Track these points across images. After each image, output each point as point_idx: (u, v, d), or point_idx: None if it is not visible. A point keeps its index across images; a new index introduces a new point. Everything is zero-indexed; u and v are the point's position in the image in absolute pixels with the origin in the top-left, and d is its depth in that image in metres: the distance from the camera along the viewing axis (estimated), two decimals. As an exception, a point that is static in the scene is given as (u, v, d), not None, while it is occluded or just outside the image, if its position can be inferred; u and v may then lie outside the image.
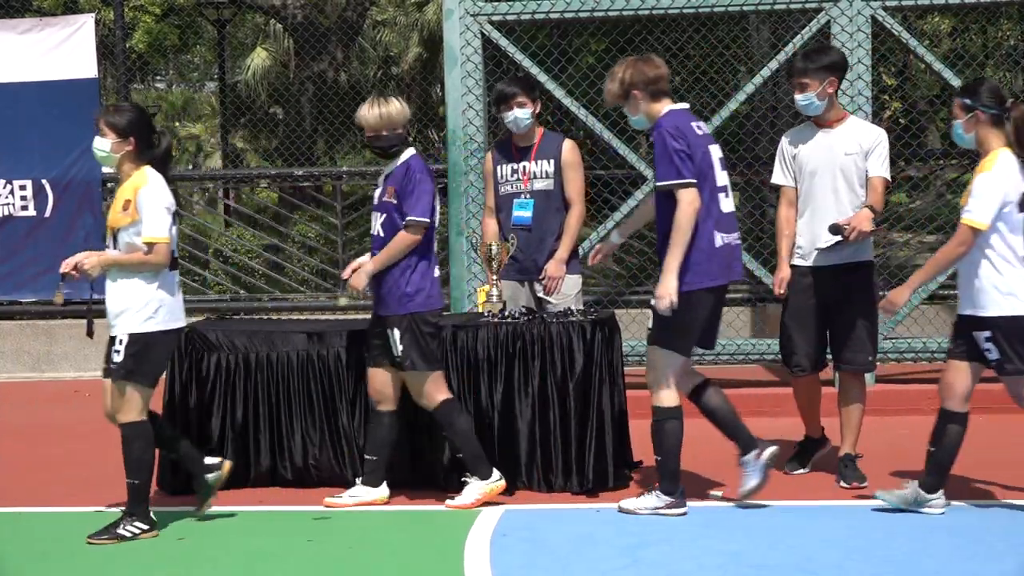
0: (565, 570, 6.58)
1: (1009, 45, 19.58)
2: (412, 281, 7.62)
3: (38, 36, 12.70)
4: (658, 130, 7.25)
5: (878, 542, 6.91)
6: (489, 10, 10.63)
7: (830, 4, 10.31)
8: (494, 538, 7.12)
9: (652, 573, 6.50)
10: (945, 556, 6.65)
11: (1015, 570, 6.37)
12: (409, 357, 7.54)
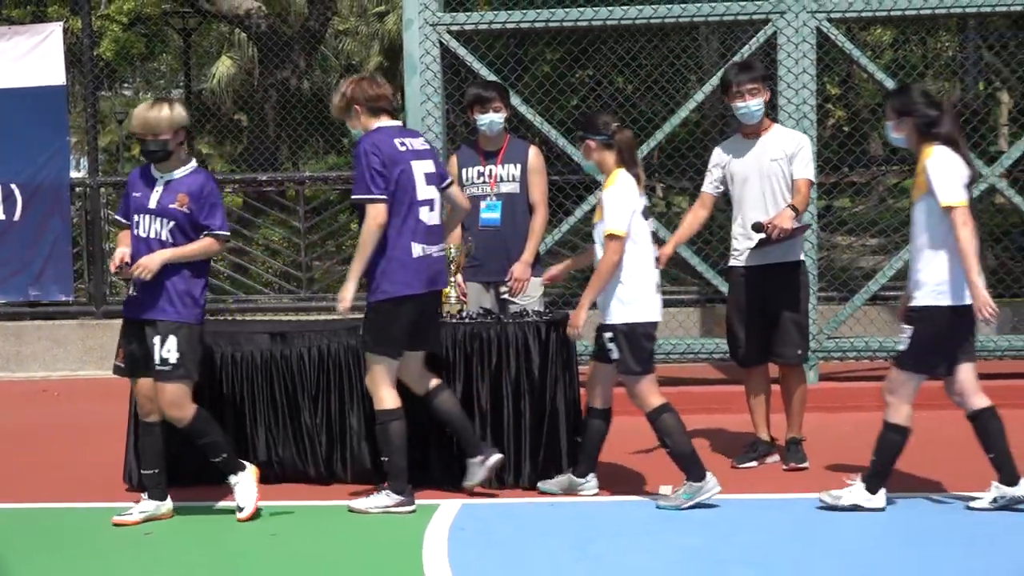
0: (520, 563, 6.58)
1: (947, 56, 19.73)
2: (198, 289, 7.39)
3: (6, 44, 12.61)
4: (359, 146, 7.43)
5: (827, 535, 6.95)
6: (447, 20, 10.63)
7: (777, 16, 10.36)
8: (451, 532, 7.11)
9: (605, 567, 6.50)
10: (890, 548, 6.70)
11: (954, 559, 6.43)
12: (183, 366, 7.25)
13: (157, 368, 7.18)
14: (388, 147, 7.38)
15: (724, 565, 6.45)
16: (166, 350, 7.14)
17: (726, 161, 8.40)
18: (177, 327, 7.19)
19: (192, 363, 7.26)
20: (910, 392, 7.21)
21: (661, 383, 10.66)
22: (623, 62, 15.49)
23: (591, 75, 16.94)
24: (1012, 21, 15.43)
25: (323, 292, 13.75)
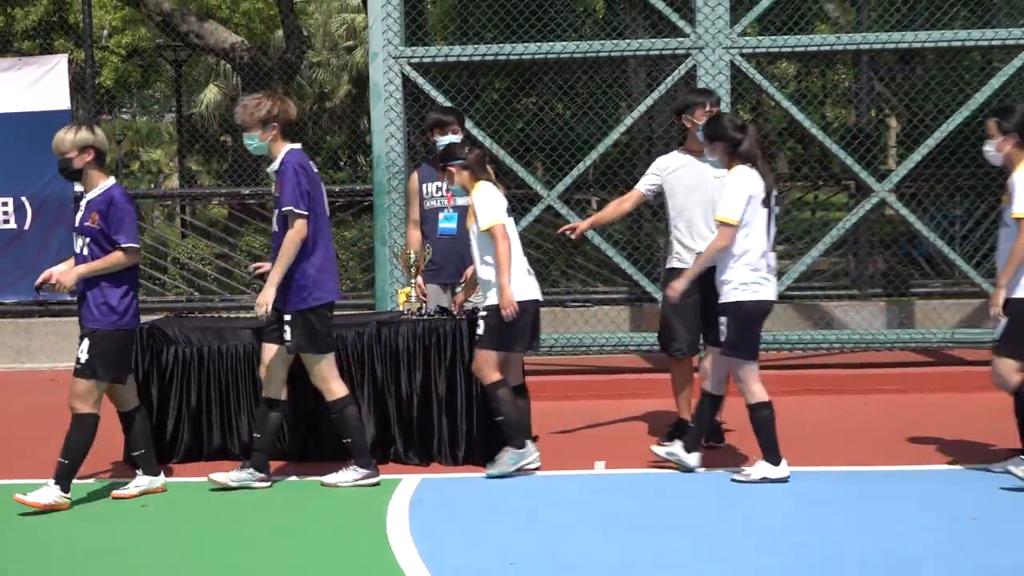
0: (474, 529, 6.59)
1: (844, 86, 19.87)
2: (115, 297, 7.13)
3: (18, 73, 12.59)
4: (288, 164, 7.24)
5: (739, 503, 6.98)
6: (408, 54, 10.61)
7: (696, 51, 10.39)
8: (412, 503, 7.10)
9: (546, 530, 6.51)
10: (790, 514, 6.74)
11: (852, 525, 6.47)
12: (91, 366, 7.06)
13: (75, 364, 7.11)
14: (309, 169, 7.32)
15: (651, 529, 6.47)
16: (80, 350, 7.05)
17: (670, 171, 8.30)
18: (91, 332, 7.06)
19: (102, 366, 7.06)
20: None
21: (595, 372, 10.77)
22: (562, 91, 15.52)
23: (534, 102, 16.96)
24: (899, 56, 15.57)
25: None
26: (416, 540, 6.35)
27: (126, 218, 7.13)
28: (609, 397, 9.94)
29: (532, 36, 11.78)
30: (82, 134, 7.14)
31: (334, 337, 7.59)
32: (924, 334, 10.90)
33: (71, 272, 7.10)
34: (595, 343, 10.93)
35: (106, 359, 7.07)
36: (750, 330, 7.39)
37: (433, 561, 5.97)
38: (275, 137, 7.29)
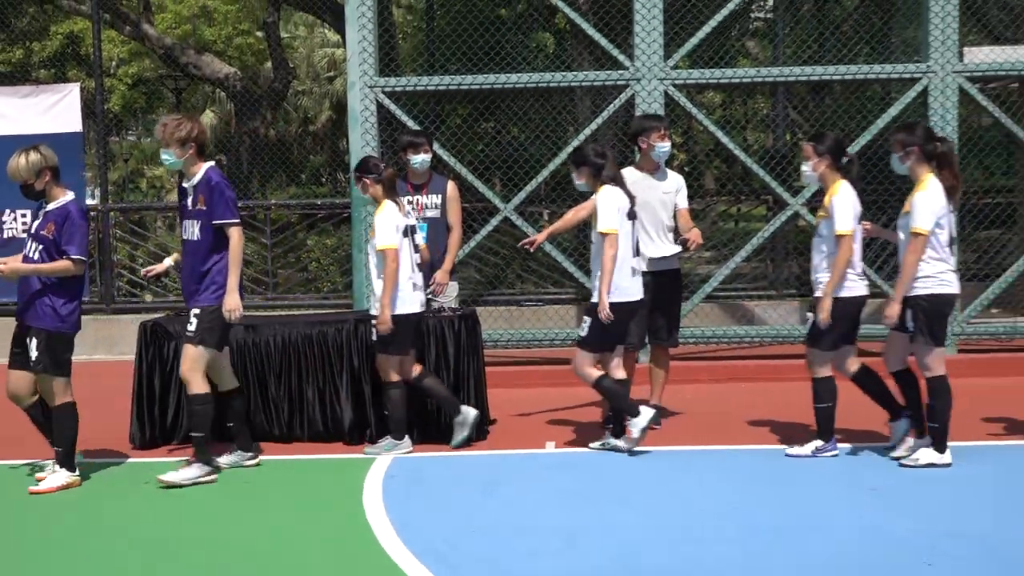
0: (441, 501, 6.58)
1: (763, 113, 19.98)
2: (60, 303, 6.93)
3: (35, 100, 12.51)
4: (216, 178, 7.02)
5: (672, 478, 7.01)
6: (382, 83, 10.58)
7: (635, 82, 10.42)
8: (385, 479, 7.08)
9: (503, 502, 6.54)
10: (724, 488, 6.75)
11: (772, 496, 6.50)
12: (42, 362, 6.88)
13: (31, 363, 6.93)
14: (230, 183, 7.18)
15: (595, 500, 6.49)
16: (30, 349, 6.87)
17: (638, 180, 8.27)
18: (39, 331, 6.86)
19: (53, 362, 6.87)
20: None
21: (547, 363, 10.77)
22: (517, 116, 15.52)
23: (492, 126, 16.94)
24: (810, 88, 15.67)
25: (285, 294, 13.64)
26: (389, 511, 6.34)
27: (78, 232, 6.95)
28: (559, 385, 9.92)
29: (491, 68, 11.77)
30: (33, 158, 6.96)
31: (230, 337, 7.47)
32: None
33: (19, 265, 6.92)
34: (546, 338, 10.97)
35: (55, 356, 6.91)
36: (610, 327, 7.40)
37: (404, 529, 5.96)
38: (191, 156, 7.05)
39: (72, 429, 7.01)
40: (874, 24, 15.82)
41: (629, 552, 5.55)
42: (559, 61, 17.22)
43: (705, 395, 8.63)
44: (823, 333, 7.16)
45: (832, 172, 7.30)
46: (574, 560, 5.45)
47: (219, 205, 6.97)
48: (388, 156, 11.07)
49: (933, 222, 6.94)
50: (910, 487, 6.61)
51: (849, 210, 7.14)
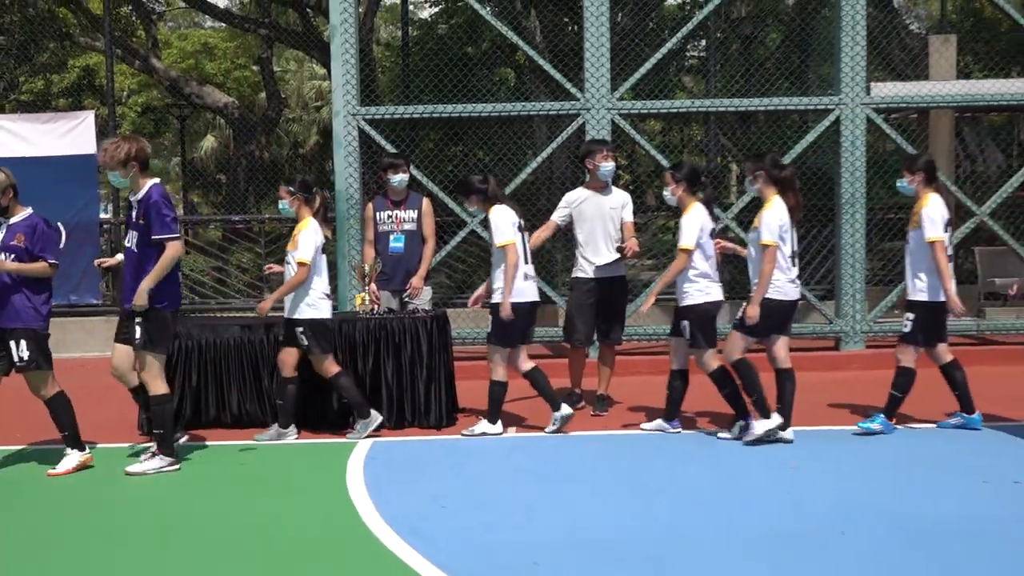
0: (414, 478, 6.56)
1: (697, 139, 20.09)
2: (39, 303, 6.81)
3: (54, 125, 12.45)
4: (155, 195, 6.73)
5: (619, 457, 7.02)
6: (363, 112, 10.54)
7: (585, 112, 10.45)
8: (366, 460, 7.06)
9: (468, 479, 6.53)
10: (662, 468, 6.77)
11: (710, 474, 6.51)
12: (35, 361, 6.75)
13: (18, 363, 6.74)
14: (170, 198, 6.96)
15: (550, 478, 6.49)
16: (20, 350, 6.69)
17: (577, 203, 8.34)
18: (25, 330, 6.71)
19: (44, 358, 6.79)
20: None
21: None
22: (482, 141, 15.52)
23: (460, 150, 16.94)
24: (738, 117, 15.77)
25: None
26: (369, 489, 6.32)
27: (50, 240, 6.84)
28: (517, 377, 9.90)
29: (459, 99, 11.77)
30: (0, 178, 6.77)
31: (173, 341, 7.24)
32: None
33: (6, 264, 6.71)
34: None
35: (44, 352, 6.81)
36: (512, 325, 7.47)
37: (381, 505, 5.94)
38: (136, 173, 6.75)
39: (70, 413, 6.91)
40: (793, 62, 15.97)
41: (579, 525, 5.55)
42: (519, 93, 17.24)
43: (646, 386, 8.65)
44: (693, 333, 7.40)
45: (688, 196, 7.41)
46: (531, 532, 5.45)
47: (156, 222, 6.66)
48: (369, 176, 11.05)
49: (778, 235, 7.14)
50: (827, 467, 6.65)
51: (695, 228, 7.28)
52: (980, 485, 6.13)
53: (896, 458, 6.83)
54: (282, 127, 28.07)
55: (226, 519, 5.87)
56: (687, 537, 5.31)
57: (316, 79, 31.06)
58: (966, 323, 11.29)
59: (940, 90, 11.41)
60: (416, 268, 8.55)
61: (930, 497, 5.92)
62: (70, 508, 6.15)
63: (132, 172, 6.77)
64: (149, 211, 6.69)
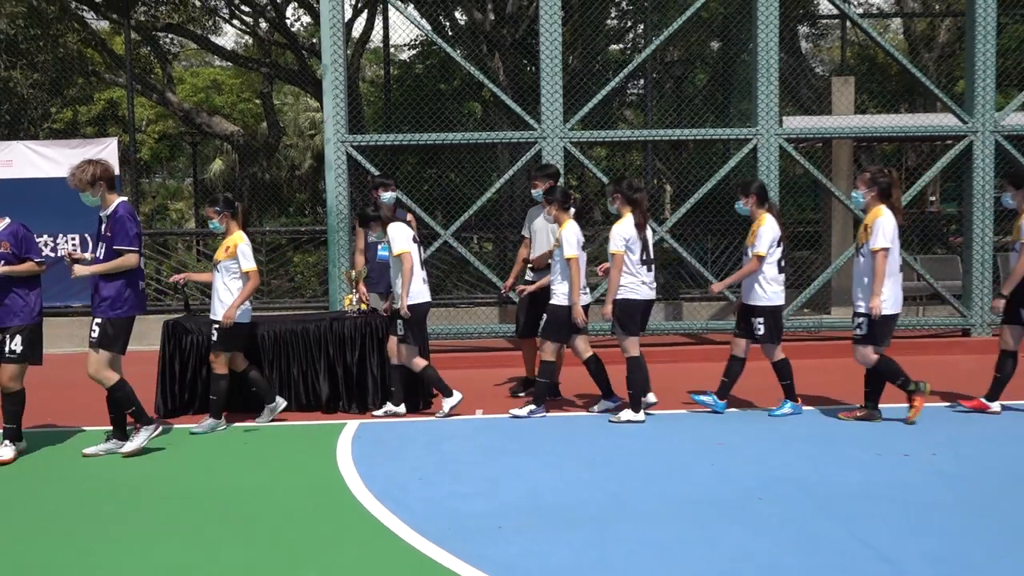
0: (396, 454, 6.52)
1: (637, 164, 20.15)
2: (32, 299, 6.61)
3: (82, 150, 12.24)
4: (122, 210, 6.54)
5: (569, 435, 7.01)
6: (351, 139, 10.48)
7: (541, 140, 10.45)
8: (353, 439, 7.01)
9: (442, 456, 6.48)
10: (598, 441, 6.76)
11: (645, 449, 6.51)
12: (27, 356, 6.54)
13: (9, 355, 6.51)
14: (136, 215, 6.71)
15: (512, 454, 6.47)
16: (15, 343, 6.48)
17: (534, 220, 8.31)
18: (21, 328, 6.51)
19: (32, 351, 6.57)
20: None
21: (475, 350, 10.72)
22: (453, 165, 15.49)
23: (435, 172, 16.88)
24: (671, 144, 15.86)
25: (277, 299, 13.46)
26: (356, 464, 6.28)
27: (34, 243, 6.67)
28: (485, 367, 9.92)
29: (434, 128, 11.72)
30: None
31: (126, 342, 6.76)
32: (688, 324, 11.10)
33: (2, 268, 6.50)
34: (475, 332, 10.93)
35: (34, 346, 6.60)
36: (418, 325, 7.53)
37: (367, 477, 5.91)
38: (104, 191, 6.53)
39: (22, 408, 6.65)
40: (717, 99, 16.08)
41: (536, 493, 5.54)
42: (485, 123, 17.21)
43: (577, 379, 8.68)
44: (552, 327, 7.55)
45: (562, 213, 7.57)
46: (495, 499, 5.44)
47: (119, 234, 6.50)
48: (356, 194, 10.98)
49: (624, 245, 7.31)
50: (746, 442, 6.69)
51: (574, 240, 7.44)
52: (875, 457, 6.20)
53: (810, 434, 6.89)
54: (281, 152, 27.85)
55: (231, 489, 5.81)
56: (626, 503, 5.32)
57: (310, 111, 30.85)
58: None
59: (841, 123, 11.54)
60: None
61: (835, 468, 5.97)
62: (95, 481, 6.06)
63: (100, 191, 6.55)
64: (115, 225, 6.52)
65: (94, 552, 4.76)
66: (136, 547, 4.81)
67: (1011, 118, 10.84)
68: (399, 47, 20.74)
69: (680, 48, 16.80)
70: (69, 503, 5.61)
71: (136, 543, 4.87)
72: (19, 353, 6.53)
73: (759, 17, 10.50)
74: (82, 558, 4.68)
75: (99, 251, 6.61)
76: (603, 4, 16.29)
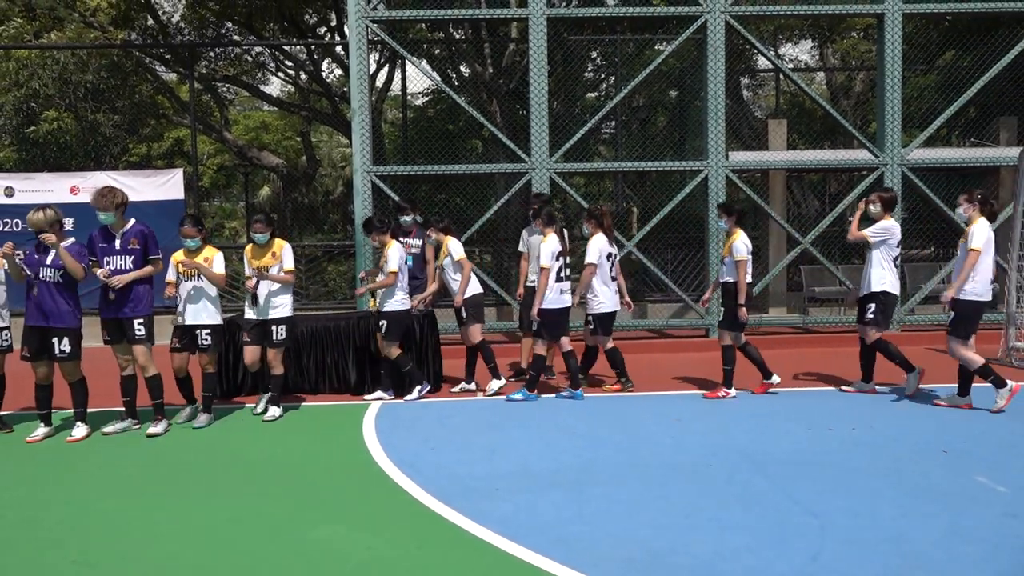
0: (410, 429, 6.48)
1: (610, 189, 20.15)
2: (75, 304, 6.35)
3: (154, 179, 12.24)
4: (147, 231, 6.55)
5: (556, 411, 6.99)
6: (375, 169, 10.46)
7: (531, 170, 10.42)
8: (377, 417, 6.98)
9: (450, 430, 6.45)
10: (581, 417, 6.74)
11: (614, 426, 6.49)
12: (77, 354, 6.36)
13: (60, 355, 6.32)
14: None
15: (505, 427, 6.45)
16: (64, 344, 6.28)
17: (530, 236, 8.21)
18: (70, 329, 6.30)
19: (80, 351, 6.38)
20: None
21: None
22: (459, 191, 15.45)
23: (444, 197, 16.85)
24: (638, 174, 15.84)
25: (313, 301, 13.42)
26: (379, 437, 6.26)
27: (83, 254, 6.34)
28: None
29: (443, 160, 11.70)
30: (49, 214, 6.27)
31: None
32: (651, 322, 11.08)
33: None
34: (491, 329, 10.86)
35: (78, 346, 6.37)
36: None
37: (388, 448, 5.89)
38: (121, 213, 6.43)
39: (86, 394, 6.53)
40: (675, 136, 16.09)
41: (527, 461, 5.53)
42: (485, 156, 17.20)
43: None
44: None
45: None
46: (493, 466, 5.42)
47: (152, 246, 6.50)
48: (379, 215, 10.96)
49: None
50: (700, 417, 6.68)
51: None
52: (805, 430, 6.20)
53: (743, 410, 6.90)
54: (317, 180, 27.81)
55: (275, 456, 5.80)
56: (600, 467, 5.31)
57: (341, 146, 30.82)
58: (794, 318, 11.44)
59: (776, 157, 11.57)
60: (419, 279, 8.35)
61: (771, 438, 5.98)
62: (156, 452, 6.04)
63: (120, 213, 6.45)
64: (146, 239, 6.49)
65: (166, 507, 4.76)
66: (198, 504, 4.80)
67: (914, 153, 10.91)
68: (414, 95, 20.74)
69: (644, 96, 16.83)
70: (140, 470, 5.60)
71: (198, 501, 4.86)
72: (69, 353, 6.30)
73: (708, 70, 10.52)
74: (159, 512, 4.68)
75: (117, 264, 6.43)
76: (581, 60, 16.33)
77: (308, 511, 4.64)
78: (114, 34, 16.56)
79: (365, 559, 3.96)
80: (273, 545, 4.16)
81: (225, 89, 22.28)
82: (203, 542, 4.23)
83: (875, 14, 10.73)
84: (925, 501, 4.58)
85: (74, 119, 16.74)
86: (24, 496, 5.04)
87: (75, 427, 6.50)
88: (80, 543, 4.27)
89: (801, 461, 5.36)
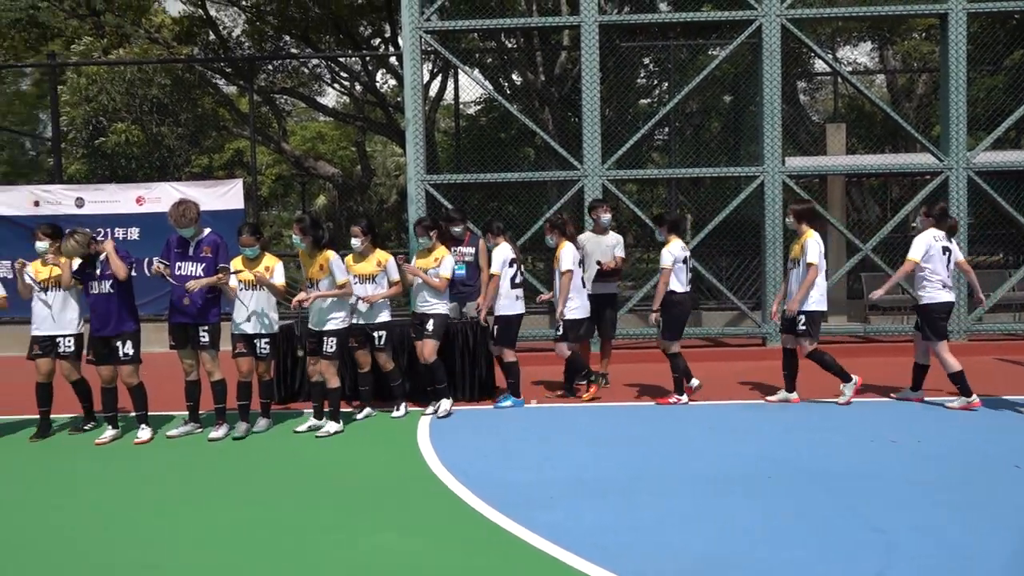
0: (463, 438, 6.52)
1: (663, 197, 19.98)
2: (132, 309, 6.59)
3: (215, 189, 12.55)
4: (220, 241, 6.68)
5: (605, 423, 6.93)
6: (429, 178, 10.58)
7: (584, 178, 10.40)
8: (431, 424, 7.03)
9: (501, 439, 6.46)
10: (628, 428, 6.69)
11: (667, 436, 6.43)
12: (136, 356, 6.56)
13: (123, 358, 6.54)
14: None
15: (553, 438, 6.41)
16: (126, 347, 6.51)
17: (584, 244, 8.28)
18: (132, 333, 6.55)
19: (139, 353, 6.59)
20: None
21: (531, 351, 10.65)
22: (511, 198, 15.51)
23: (496, 205, 16.93)
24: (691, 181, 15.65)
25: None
26: (433, 442, 6.32)
27: (227, 253, 6.64)
28: (536, 364, 9.87)
29: (495, 168, 11.76)
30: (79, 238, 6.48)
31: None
32: (706, 330, 10.93)
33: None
34: (528, 335, 10.90)
35: (138, 349, 6.59)
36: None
37: (441, 455, 5.94)
38: (199, 226, 6.62)
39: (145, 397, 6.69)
40: (730, 142, 15.88)
41: (578, 469, 5.51)
42: (537, 165, 17.22)
43: (629, 370, 8.57)
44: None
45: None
46: (542, 473, 5.42)
47: (223, 256, 6.64)
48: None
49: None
50: (757, 427, 6.56)
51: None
52: (868, 443, 6.04)
53: (806, 424, 6.75)
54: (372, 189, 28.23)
55: (335, 460, 5.89)
56: (650, 477, 5.26)
57: (396, 156, 31.24)
58: (854, 326, 11.15)
59: (834, 162, 11.32)
60: (470, 286, 8.41)
61: (826, 451, 5.84)
62: (220, 456, 6.18)
63: (196, 224, 6.61)
64: (218, 249, 6.63)
65: (227, 510, 4.87)
66: (256, 508, 4.90)
67: (980, 157, 10.54)
68: (467, 103, 20.92)
69: (698, 101, 16.65)
70: (203, 473, 5.74)
71: (256, 505, 4.96)
72: (131, 355, 6.53)
73: (764, 74, 10.36)
74: (221, 516, 4.80)
75: (188, 270, 6.58)
76: (634, 66, 16.24)
77: (361, 515, 4.70)
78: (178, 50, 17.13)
79: (415, 564, 3.99)
80: (326, 551, 4.22)
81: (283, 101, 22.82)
82: (258, 547, 4.31)
83: (938, 14, 10.44)
84: (995, 518, 4.41)
85: (140, 132, 17.33)
86: (99, 498, 5.21)
87: (140, 429, 6.70)
88: (143, 545, 4.40)
89: (864, 474, 5.22)
